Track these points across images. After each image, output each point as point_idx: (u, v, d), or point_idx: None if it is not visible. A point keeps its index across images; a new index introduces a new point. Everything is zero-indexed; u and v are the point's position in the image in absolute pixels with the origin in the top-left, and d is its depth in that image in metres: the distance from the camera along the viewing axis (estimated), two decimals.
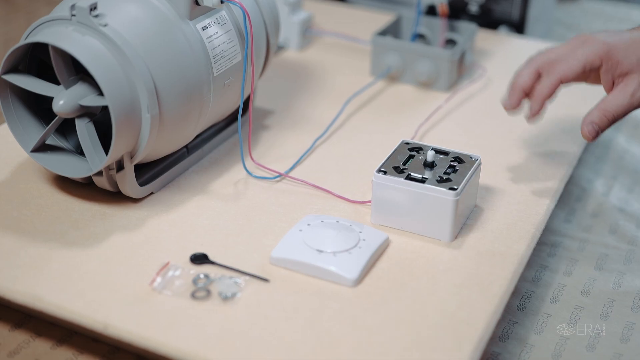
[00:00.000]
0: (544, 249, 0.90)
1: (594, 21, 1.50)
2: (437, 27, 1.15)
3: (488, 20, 1.32)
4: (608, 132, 1.13)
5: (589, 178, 1.03)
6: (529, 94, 0.86)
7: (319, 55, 1.20)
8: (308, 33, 1.21)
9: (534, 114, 0.86)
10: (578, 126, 1.01)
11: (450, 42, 1.16)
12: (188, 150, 0.90)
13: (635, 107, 0.84)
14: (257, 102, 1.05)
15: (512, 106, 0.87)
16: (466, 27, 1.16)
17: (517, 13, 1.30)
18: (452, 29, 1.16)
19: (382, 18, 1.31)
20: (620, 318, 0.81)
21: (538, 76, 0.86)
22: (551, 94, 0.85)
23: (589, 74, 0.85)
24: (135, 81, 0.77)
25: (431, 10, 1.23)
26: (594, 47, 0.84)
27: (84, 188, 0.85)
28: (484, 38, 1.25)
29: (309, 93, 1.09)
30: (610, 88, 0.85)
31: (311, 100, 1.07)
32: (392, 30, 1.17)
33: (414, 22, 1.16)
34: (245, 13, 0.85)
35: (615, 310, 0.82)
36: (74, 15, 0.77)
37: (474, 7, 1.32)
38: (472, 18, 1.32)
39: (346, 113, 1.04)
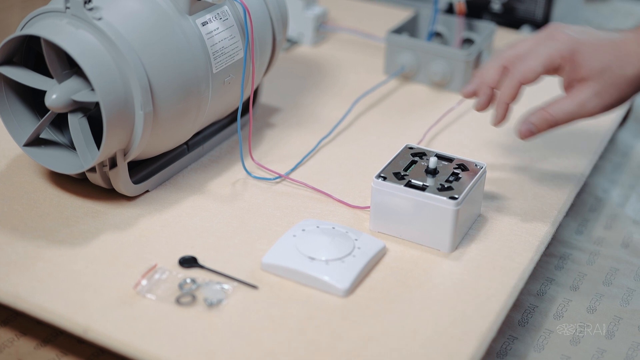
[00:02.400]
0: (552, 260, 0.87)
1: (624, 21, 1.45)
2: (455, 26, 1.12)
3: (510, 19, 1.28)
4: (627, 139, 1.09)
5: (604, 187, 0.99)
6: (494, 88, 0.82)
7: (332, 51, 1.17)
8: (322, 29, 1.19)
9: (499, 120, 0.82)
10: (592, 135, 0.97)
11: (468, 42, 1.13)
12: (188, 147, 0.88)
13: (583, 117, 0.78)
14: (264, 99, 1.02)
15: (481, 106, 0.83)
16: (485, 26, 1.12)
17: (540, 12, 1.26)
18: (470, 28, 1.13)
19: (400, 14, 1.28)
20: (626, 337, 0.77)
21: (504, 70, 0.81)
22: (514, 97, 0.80)
23: (554, 72, 0.80)
24: (129, 77, 0.75)
25: (450, 8, 1.20)
26: (558, 45, 0.78)
27: (78, 184, 0.83)
28: (504, 38, 1.21)
29: (319, 91, 1.06)
30: (567, 89, 0.80)
31: (320, 99, 1.04)
32: (409, 28, 1.13)
33: (431, 19, 1.12)
34: (245, 9, 0.82)
35: (622, 329, 0.78)
36: (69, 8, 0.75)
37: (496, 5, 1.28)
38: (495, 17, 1.28)
39: (355, 113, 1.01)
